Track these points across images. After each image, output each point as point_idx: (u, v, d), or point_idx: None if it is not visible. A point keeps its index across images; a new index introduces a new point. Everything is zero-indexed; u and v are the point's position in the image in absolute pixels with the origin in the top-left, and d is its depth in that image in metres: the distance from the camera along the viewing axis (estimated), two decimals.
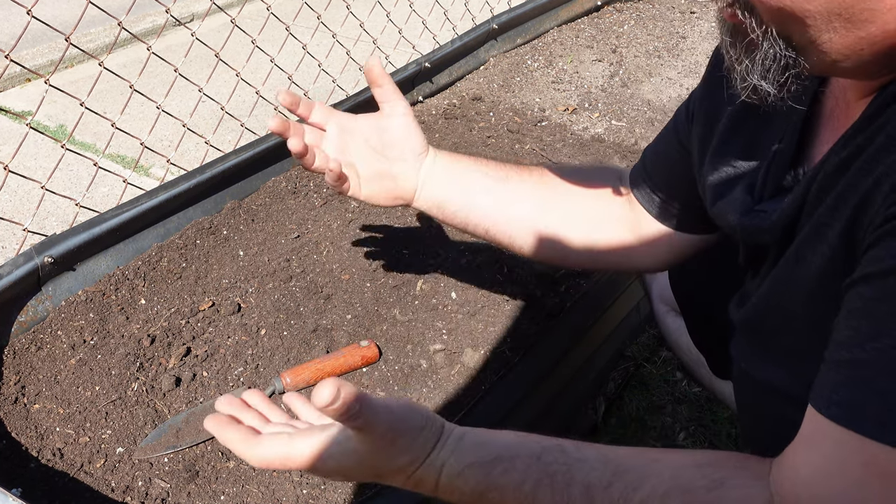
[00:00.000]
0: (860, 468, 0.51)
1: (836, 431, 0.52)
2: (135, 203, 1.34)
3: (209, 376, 1.12)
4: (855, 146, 0.57)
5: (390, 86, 0.92)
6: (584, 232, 0.96)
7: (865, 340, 0.51)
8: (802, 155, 0.72)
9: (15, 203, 2.50)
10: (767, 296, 0.71)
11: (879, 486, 0.50)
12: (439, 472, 0.64)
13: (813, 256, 0.61)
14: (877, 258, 0.52)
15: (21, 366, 1.12)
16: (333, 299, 1.27)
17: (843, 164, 0.58)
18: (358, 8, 2.21)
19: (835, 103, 0.69)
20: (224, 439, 0.67)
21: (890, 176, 0.52)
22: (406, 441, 0.64)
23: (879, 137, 0.55)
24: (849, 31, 0.53)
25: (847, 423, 0.51)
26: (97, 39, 3.64)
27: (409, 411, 0.65)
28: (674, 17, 2.57)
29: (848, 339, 0.53)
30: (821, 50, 0.56)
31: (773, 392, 0.62)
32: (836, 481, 0.52)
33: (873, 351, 0.50)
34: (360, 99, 1.75)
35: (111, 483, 0.96)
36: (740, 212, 0.74)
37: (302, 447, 0.64)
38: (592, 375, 1.40)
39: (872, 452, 0.50)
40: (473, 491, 0.63)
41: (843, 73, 0.61)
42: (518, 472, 0.62)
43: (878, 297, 0.51)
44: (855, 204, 0.56)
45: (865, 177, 0.55)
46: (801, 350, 0.58)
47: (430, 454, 0.65)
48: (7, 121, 3.01)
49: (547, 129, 1.85)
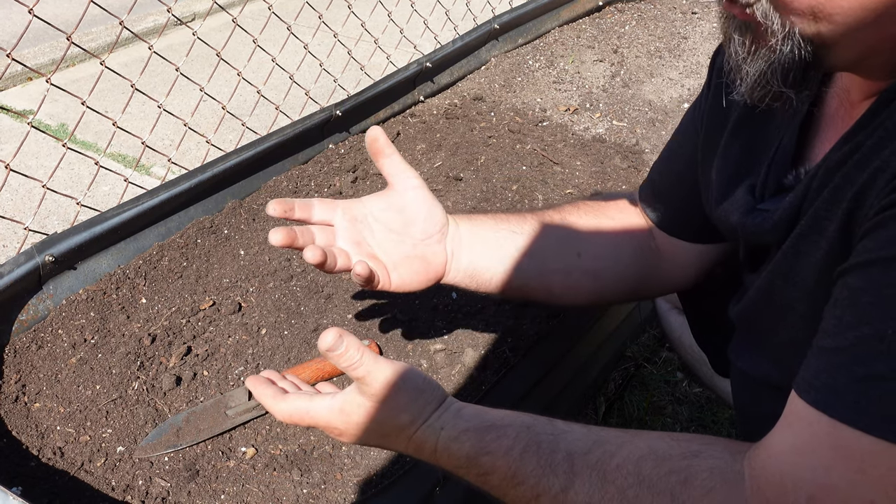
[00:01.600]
0: (830, 450, 0.52)
1: (812, 414, 0.53)
2: (136, 202, 1.34)
3: (210, 375, 1.12)
4: (855, 143, 0.58)
5: (397, 156, 0.86)
6: (617, 269, 0.96)
7: (847, 329, 0.53)
8: (804, 154, 0.72)
9: (16, 202, 2.50)
10: (765, 289, 0.72)
11: (846, 468, 0.51)
12: (437, 435, 0.69)
13: (812, 250, 0.62)
14: (865, 249, 0.53)
15: (22, 364, 1.13)
16: (334, 299, 1.28)
17: (842, 160, 0.59)
18: (359, 7, 2.21)
19: (838, 103, 0.70)
20: (257, 393, 0.79)
21: (885, 170, 0.54)
22: (406, 398, 0.70)
23: (878, 132, 0.56)
24: (880, 27, 0.54)
25: (823, 406, 0.53)
26: (99, 38, 3.64)
27: (410, 371, 0.71)
28: (675, 18, 2.57)
29: (832, 328, 0.54)
30: (849, 47, 0.56)
31: (769, 389, 0.63)
32: (805, 460, 0.54)
33: (853, 339, 0.52)
34: (362, 99, 1.75)
35: (111, 482, 0.96)
36: (742, 211, 0.75)
37: (321, 403, 0.74)
38: (592, 375, 1.40)
39: (843, 436, 0.51)
40: (468, 455, 0.68)
41: (865, 71, 0.61)
42: (509, 439, 0.67)
43: (862, 287, 0.52)
44: (851, 197, 0.57)
45: (861, 171, 0.56)
46: (797, 343, 0.59)
47: (430, 417, 0.70)
48: (8, 119, 3.02)
49: (548, 130, 1.85)
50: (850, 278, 0.54)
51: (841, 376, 0.52)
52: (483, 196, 1.54)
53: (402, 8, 2.41)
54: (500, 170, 1.64)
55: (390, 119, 1.89)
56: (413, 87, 1.95)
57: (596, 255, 0.94)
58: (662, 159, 0.98)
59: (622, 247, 0.95)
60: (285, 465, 0.99)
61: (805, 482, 0.53)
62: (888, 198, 0.52)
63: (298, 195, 1.56)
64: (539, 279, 0.93)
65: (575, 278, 0.93)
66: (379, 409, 0.70)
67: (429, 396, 0.71)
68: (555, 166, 1.67)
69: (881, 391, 0.50)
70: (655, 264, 0.96)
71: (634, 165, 1.69)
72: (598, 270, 0.94)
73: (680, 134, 0.94)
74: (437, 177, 1.62)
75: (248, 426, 1.04)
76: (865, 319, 0.51)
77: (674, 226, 0.94)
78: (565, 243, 0.93)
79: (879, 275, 0.51)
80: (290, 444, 1.02)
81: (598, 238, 0.94)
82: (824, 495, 0.52)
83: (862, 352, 0.51)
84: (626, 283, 0.96)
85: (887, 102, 0.56)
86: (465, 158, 1.68)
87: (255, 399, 1.06)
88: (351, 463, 1.00)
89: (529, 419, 0.69)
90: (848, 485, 0.51)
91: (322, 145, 1.71)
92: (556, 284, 0.93)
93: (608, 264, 0.95)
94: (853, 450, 0.51)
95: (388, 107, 1.88)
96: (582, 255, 0.93)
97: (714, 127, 0.83)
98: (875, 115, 0.57)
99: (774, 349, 0.72)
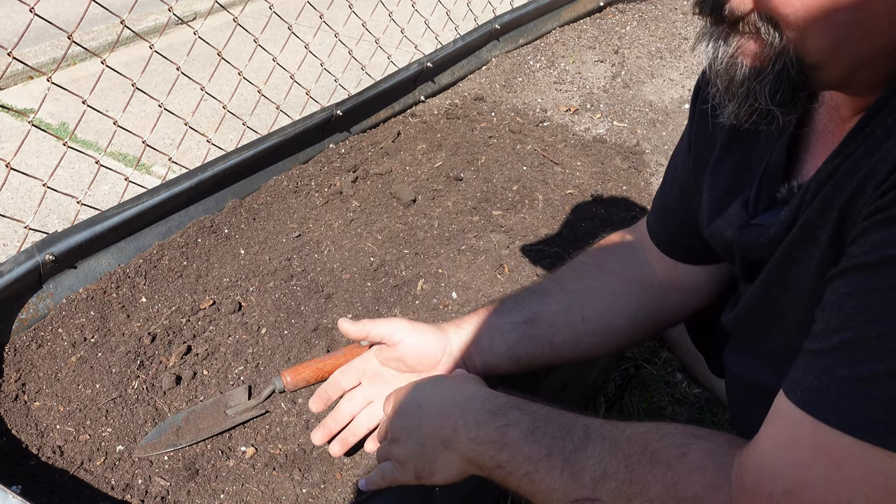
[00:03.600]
0: (810, 448, 0.54)
1: (796, 413, 0.55)
2: (136, 201, 1.34)
3: (209, 375, 1.12)
4: (845, 154, 0.59)
5: (370, 325, 0.97)
6: (625, 319, 0.99)
7: (833, 332, 0.54)
8: (795, 169, 0.74)
9: (17, 201, 2.50)
10: (759, 297, 0.73)
11: (824, 466, 0.53)
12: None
13: (805, 259, 0.64)
14: (852, 254, 0.54)
15: (21, 363, 1.13)
16: (334, 298, 1.28)
17: (833, 172, 0.60)
18: (360, 7, 2.21)
19: (828, 119, 0.71)
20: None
21: (873, 177, 0.55)
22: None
23: (867, 142, 0.57)
24: (870, 39, 0.55)
25: (806, 406, 0.54)
26: (99, 37, 3.64)
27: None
28: (676, 19, 2.57)
29: (819, 331, 0.56)
30: (840, 62, 0.57)
31: (763, 393, 0.64)
32: (785, 454, 0.56)
33: (837, 342, 0.53)
34: (362, 98, 1.75)
35: (111, 481, 0.96)
36: (736, 227, 0.76)
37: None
38: (592, 376, 1.40)
39: (824, 435, 0.53)
40: (501, 403, 0.80)
41: (853, 86, 0.62)
42: (539, 404, 0.78)
43: (848, 292, 0.54)
44: (840, 206, 0.59)
45: (850, 179, 0.58)
46: (791, 350, 0.60)
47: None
48: (9, 118, 3.02)
49: (549, 130, 1.85)
50: (838, 283, 0.55)
51: (825, 378, 0.53)
52: (483, 196, 1.54)
53: (403, 8, 2.41)
54: (500, 170, 1.64)
55: (391, 119, 1.89)
56: (414, 87, 1.95)
57: (600, 314, 0.98)
58: (660, 189, 1.01)
59: (626, 297, 0.98)
60: (285, 465, 0.99)
61: (783, 476, 0.55)
62: (875, 204, 0.53)
63: (299, 195, 1.56)
64: (550, 354, 0.99)
65: (585, 343, 0.98)
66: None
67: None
68: (555, 166, 1.67)
69: (863, 393, 0.51)
70: (664, 298, 0.99)
71: (635, 166, 1.69)
72: (606, 328, 0.98)
73: (672, 165, 0.98)
74: (438, 177, 1.62)
75: (247, 426, 1.04)
76: (850, 323, 0.52)
77: (678, 251, 0.97)
78: (568, 314, 0.98)
79: (864, 279, 0.52)
80: (289, 444, 1.02)
81: (600, 299, 0.98)
82: (801, 490, 0.54)
83: (846, 354, 0.52)
84: (639, 326, 1.00)
85: (875, 113, 0.57)
86: (465, 158, 1.68)
87: (254, 398, 1.06)
88: (350, 463, 1.00)
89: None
90: (825, 482, 0.52)
91: (323, 145, 1.71)
92: (568, 353, 0.99)
93: (615, 319, 0.98)
94: (832, 449, 0.52)
95: (388, 106, 1.88)
96: (586, 319, 0.97)
97: (703, 149, 0.86)
98: (864, 127, 0.58)
99: (769, 355, 0.74)
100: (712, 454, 0.63)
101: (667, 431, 0.67)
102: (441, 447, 0.81)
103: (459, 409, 0.80)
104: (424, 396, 0.86)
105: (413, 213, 1.50)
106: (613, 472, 0.66)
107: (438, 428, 0.81)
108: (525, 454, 0.72)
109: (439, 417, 0.82)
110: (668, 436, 0.66)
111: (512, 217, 1.49)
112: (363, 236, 1.43)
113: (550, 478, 0.70)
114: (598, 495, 0.66)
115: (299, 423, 1.04)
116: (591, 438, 0.70)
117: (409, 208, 1.52)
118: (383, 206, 1.52)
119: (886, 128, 0.55)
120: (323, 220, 1.48)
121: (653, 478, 0.64)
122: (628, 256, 1.02)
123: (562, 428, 0.72)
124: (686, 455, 0.64)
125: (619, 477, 0.66)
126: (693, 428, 0.67)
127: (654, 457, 0.65)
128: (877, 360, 0.50)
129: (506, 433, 0.75)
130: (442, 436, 0.80)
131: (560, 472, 0.69)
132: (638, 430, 0.68)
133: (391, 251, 1.39)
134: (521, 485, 0.73)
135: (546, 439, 0.72)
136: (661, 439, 0.66)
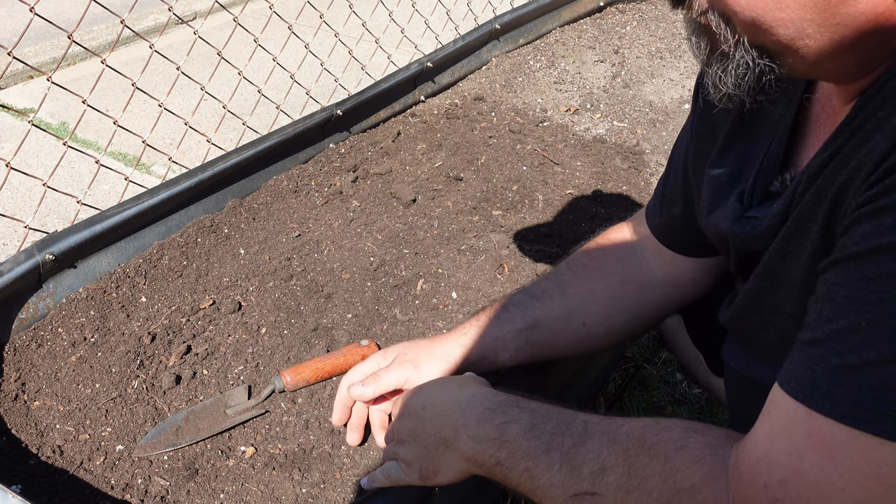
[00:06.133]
0: (804, 438, 0.54)
1: (790, 403, 0.56)
2: (136, 201, 1.34)
3: (209, 374, 1.12)
4: (835, 146, 0.60)
5: (380, 384, 0.97)
6: (624, 318, 1.01)
7: (824, 322, 0.55)
8: (791, 160, 0.74)
9: (17, 200, 2.50)
10: (754, 292, 0.74)
11: (819, 455, 0.53)
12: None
13: (798, 252, 0.65)
14: (842, 245, 0.55)
15: (21, 363, 1.13)
16: (334, 298, 1.28)
17: (823, 164, 0.61)
18: (360, 7, 2.21)
19: (821, 109, 0.72)
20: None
21: (862, 168, 0.56)
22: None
23: (858, 134, 0.57)
24: (823, 35, 0.56)
25: (800, 396, 0.55)
26: (100, 37, 3.64)
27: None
28: (676, 19, 2.57)
29: (812, 321, 0.56)
30: (798, 55, 0.59)
31: (761, 388, 0.64)
32: (780, 444, 0.56)
33: (829, 331, 0.54)
34: (362, 98, 1.75)
35: (111, 480, 0.96)
36: (731, 219, 0.77)
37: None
38: (592, 376, 1.40)
39: (817, 425, 0.53)
40: (500, 401, 0.80)
41: (824, 76, 0.64)
42: (538, 402, 0.78)
43: (839, 282, 0.54)
44: (831, 198, 0.59)
45: (840, 171, 0.59)
46: (787, 343, 0.61)
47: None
48: (9, 118, 3.02)
49: (549, 130, 1.85)
50: (829, 274, 0.56)
51: (818, 367, 0.54)
52: (483, 196, 1.54)
53: (404, 8, 2.42)
54: (500, 170, 1.64)
55: (391, 119, 1.89)
56: (414, 87, 1.95)
57: (602, 319, 1.00)
58: (662, 180, 1.01)
59: (626, 299, 1.00)
60: (285, 465, 0.99)
61: (778, 466, 0.56)
62: (864, 195, 0.54)
63: (299, 194, 1.56)
64: (552, 355, 1.02)
65: (587, 343, 1.01)
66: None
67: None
68: (555, 166, 1.67)
69: (854, 381, 0.51)
70: (663, 295, 1.01)
71: (635, 166, 1.69)
72: (606, 331, 1.00)
73: (674, 157, 0.98)
74: (438, 177, 1.62)
75: (247, 425, 1.04)
76: (841, 313, 0.53)
77: (677, 243, 0.98)
78: (569, 319, 1.00)
79: (855, 269, 0.53)
80: (289, 444, 1.02)
81: (601, 304, 1.00)
82: (796, 479, 0.54)
83: (837, 343, 0.53)
84: (639, 322, 1.02)
85: (865, 104, 0.58)
86: (465, 158, 1.68)
87: (254, 398, 1.06)
88: (350, 463, 1.00)
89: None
90: (819, 471, 0.53)
91: (323, 144, 1.71)
92: (569, 353, 1.02)
93: (615, 322, 1.00)
94: (826, 438, 0.53)
95: (388, 106, 1.88)
96: (588, 323, 0.99)
97: (704, 141, 0.87)
98: (853, 118, 0.59)
99: (765, 349, 0.74)
100: (710, 447, 0.64)
101: (665, 425, 0.67)
102: (443, 447, 0.81)
103: (460, 408, 0.81)
104: (428, 398, 0.86)
105: (413, 212, 1.50)
106: (612, 465, 0.67)
107: (440, 428, 0.81)
108: (524, 450, 0.73)
109: (441, 418, 0.82)
110: (666, 429, 0.67)
111: (512, 217, 1.49)
112: (363, 236, 1.43)
113: (550, 473, 0.70)
114: (597, 489, 0.67)
115: (299, 423, 1.04)
116: (589, 434, 0.70)
117: (409, 208, 1.52)
118: (383, 205, 1.52)
119: (877, 120, 0.55)
120: (323, 220, 1.48)
121: (651, 470, 0.64)
122: (628, 257, 1.02)
123: (561, 424, 0.73)
124: (684, 448, 0.64)
125: (617, 470, 0.66)
126: (691, 422, 0.68)
127: (653, 450, 0.65)
128: (868, 348, 0.50)
129: (505, 430, 0.75)
130: (443, 436, 0.81)
131: (559, 467, 0.70)
132: (636, 425, 0.69)
133: (391, 251, 1.39)
134: (521, 481, 0.73)
135: (545, 435, 0.72)
136: (660, 433, 0.67)
